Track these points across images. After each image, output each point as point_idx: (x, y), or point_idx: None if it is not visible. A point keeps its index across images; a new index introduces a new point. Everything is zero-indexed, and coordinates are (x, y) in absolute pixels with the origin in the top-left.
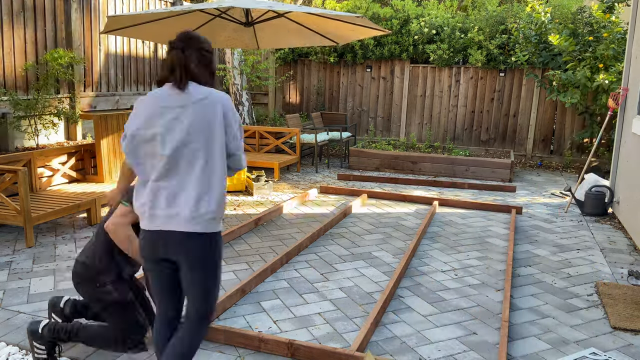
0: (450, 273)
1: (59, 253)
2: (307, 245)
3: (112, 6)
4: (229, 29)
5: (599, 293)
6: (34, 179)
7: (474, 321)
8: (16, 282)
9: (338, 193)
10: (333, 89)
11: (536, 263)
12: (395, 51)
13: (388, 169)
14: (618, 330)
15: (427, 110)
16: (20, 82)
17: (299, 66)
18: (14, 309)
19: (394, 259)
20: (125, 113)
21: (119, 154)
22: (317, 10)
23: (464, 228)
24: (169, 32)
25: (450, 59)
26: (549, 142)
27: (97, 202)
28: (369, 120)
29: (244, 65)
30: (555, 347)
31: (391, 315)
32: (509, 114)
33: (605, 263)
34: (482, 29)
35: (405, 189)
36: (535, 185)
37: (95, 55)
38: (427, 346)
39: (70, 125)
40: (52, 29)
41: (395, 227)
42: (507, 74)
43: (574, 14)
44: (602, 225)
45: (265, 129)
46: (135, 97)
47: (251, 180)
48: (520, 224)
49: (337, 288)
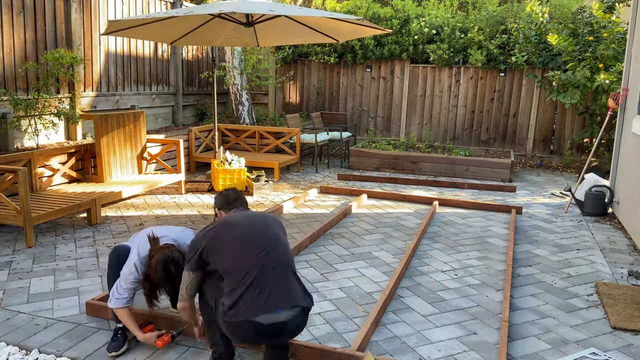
0: (450, 273)
1: (59, 253)
2: (307, 245)
3: (112, 6)
4: (229, 28)
5: (599, 293)
6: (34, 179)
7: (474, 321)
8: (16, 282)
9: (338, 193)
10: (333, 89)
11: (536, 263)
12: (395, 51)
13: (388, 169)
14: (618, 330)
15: (427, 110)
16: (20, 82)
17: (299, 66)
18: (14, 309)
19: (394, 259)
20: (125, 113)
21: (119, 154)
22: (317, 12)
23: (464, 228)
24: (169, 32)
25: (450, 59)
26: (549, 142)
27: (97, 202)
28: (369, 120)
29: (244, 65)
30: (555, 347)
31: (391, 315)
32: (509, 114)
33: (605, 263)
34: (482, 29)
35: (405, 189)
36: (535, 185)
37: (95, 55)
38: (427, 346)
39: (70, 125)
40: (52, 29)
41: (395, 227)
42: (507, 74)
43: (574, 14)
44: (602, 225)
45: (265, 129)
46: (136, 97)
47: (251, 180)
48: (520, 224)
49: (337, 288)
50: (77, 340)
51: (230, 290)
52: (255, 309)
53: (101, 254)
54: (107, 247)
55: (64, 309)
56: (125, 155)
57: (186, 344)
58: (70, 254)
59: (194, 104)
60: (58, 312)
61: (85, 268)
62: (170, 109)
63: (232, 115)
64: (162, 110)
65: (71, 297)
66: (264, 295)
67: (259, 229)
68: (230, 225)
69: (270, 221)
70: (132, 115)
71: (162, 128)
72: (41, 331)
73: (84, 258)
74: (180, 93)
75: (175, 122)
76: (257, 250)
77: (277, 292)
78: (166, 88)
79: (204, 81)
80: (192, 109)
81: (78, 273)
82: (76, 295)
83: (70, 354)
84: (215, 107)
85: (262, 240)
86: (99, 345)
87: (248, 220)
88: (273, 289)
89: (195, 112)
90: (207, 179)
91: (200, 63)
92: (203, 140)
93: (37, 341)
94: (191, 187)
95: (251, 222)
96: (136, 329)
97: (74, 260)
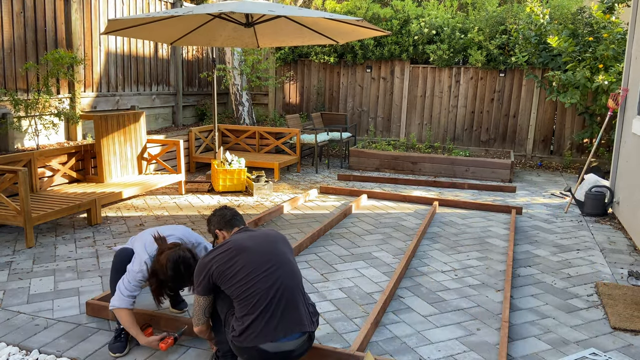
0: (450, 273)
1: (59, 253)
2: (307, 245)
3: (112, 6)
4: (229, 29)
5: (599, 293)
6: (34, 179)
7: (474, 321)
8: (16, 282)
9: (338, 193)
10: (333, 89)
11: (536, 263)
12: (395, 51)
13: (388, 169)
14: (618, 331)
15: (427, 110)
16: (20, 82)
17: (299, 66)
18: (14, 309)
19: (394, 259)
20: (125, 113)
21: (119, 155)
22: (317, 13)
23: (464, 228)
24: (169, 31)
25: (450, 59)
26: (549, 142)
27: (97, 202)
28: (369, 120)
29: (244, 65)
30: (555, 348)
31: (391, 315)
32: (509, 114)
33: (605, 263)
34: (482, 29)
35: (405, 189)
36: (535, 185)
37: (95, 55)
38: (427, 346)
39: (70, 125)
40: (52, 29)
41: (395, 228)
42: (507, 75)
43: (573, 15)
44: (602, 225)
45: (266, 129)
46: (136, 97)
47: (251, 181)
48: (520, 225)
49: (337, 288)
50: (77, 340)
51: (241, 316)
52: (263, 337)
53: (101, 254)
54: (107, 248)
55: (64, 309)
56: (126, 155)
57: (186, 344)
58: (71, 254)
59: (194, 104)
60: (58, 313)
61: (85, 268)
62: (170, 109)
63: (232, 116)
64: (162, 110)
65: (71, 298)
66: (274, 322)
67: (266, 250)
68: (238, 250)
69: (275, 239)
70: (132, 115)
71: (162, 128)
72: (41, 331)
73: (84, 258)
74: (180, 93)
75: (175, 123)
76: (266, 274)
77: (286, 319)
78: (166, 88)
79: (204, 81)
80: (192, 109)
81: (78, 273)
82: (76, 295)
83: (71, 354)
84: (215, 108)
85: (269, 261)
86: (99, 346)
87: (254, 244)
88: (283, 314)
89: (195, 112)
90: (207, 180)
91: (200, 63)
92: (203, 141)
93: (37, 341)
94: (191, 187)
95: (257, 245)
96: (139, 333)
97: (74, 261)
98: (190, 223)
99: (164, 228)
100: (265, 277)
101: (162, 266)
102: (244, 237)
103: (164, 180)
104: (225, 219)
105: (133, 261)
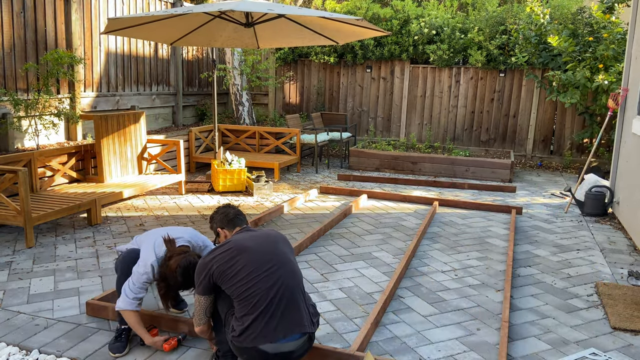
0: (450, 273)
1: (59, 253)
2: (307, 245)
3: (112, 6)
4: (229, 29)
5: (599, 293)
6: (34, 179)
7: (474, 321)
8: (16, 282)
9: (338, 193)
10: (333, 89)
11: (536, 263)
12: (395, 51)
13: (388, 169)
14: (618, 331)
15: (427, 110)
16: (20, 82)
17: (299, 66)
18: (14, 309)
19: (394, 259)
20: (125, 113)
21: (119, 155)
22: (317, 12)
23: (464, 228)
24: (169, 31)
25: (450, 59)
26: (549, 142)
27: (98, 202)
28: (369, 120)
29: (244, 65)
30: (555, 348)
31: (391, 315)
32: (509, 114)
33: (605, 263)
34: (482, 29)
35: (405, 189)
36: (535, 185)
37: (95, 55)
38: (427, 346)
39: (70, 125)
40: (52, 29)
41: (395, 228)
42: (507, 75)
43: (573, 15)
44: (602, 225)
45: (266, 129)
46: (136, 97)
47: (251, 181)
48: (520, 225)
49: (337, 288)
50: (77, 340)
51: (241, 316)
52: (263, 337)
53: (101, 254)
54: (107, 248)
55: (64, 309)
56: (126, 155)
57: (187, 344)
58: (71, 254)
59: (194, 104)
60: (58, 313)
61: (85, 268)
62: (171, 109)
63: (232, 116)
64: (162, 110)
65: (71, 298)
66: (274, 323)
67: (267, 250)
68: (239, 250)
69: (275, 239)
70: (132, 115)
71: (162, 128)
72: (41, 331)
73: (84, 258)
74: (180, 93)
75: (175, 123)
76: (266, 274)
77: (286, 319)
78: (166, 88)
79: (204, 81)
80: (192, 109)
81: (78, 273)
82: (76, 295)
83: (71, 354)
84: (215, 108)
85: (270, 261)
86: (99, 346)
87: (255, 244)
88: (283, 314)
89: (196, 112)
90: (207, 180)
91: (200, 63)
92: (203, 141)
93: (37, 341)
94: (191, 187)
95: (258, 245)
96: (145, 333)
97: (74, 261)
98: (190, 223)
99: (174, 230)
100: (266, 277)
101: (172, 272)
102: (245, 237)
103: (164, 180)
104: (227, 218)
105: (138, 263)
